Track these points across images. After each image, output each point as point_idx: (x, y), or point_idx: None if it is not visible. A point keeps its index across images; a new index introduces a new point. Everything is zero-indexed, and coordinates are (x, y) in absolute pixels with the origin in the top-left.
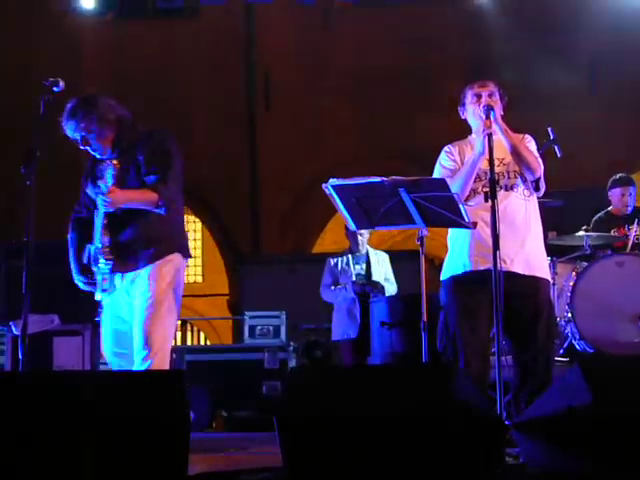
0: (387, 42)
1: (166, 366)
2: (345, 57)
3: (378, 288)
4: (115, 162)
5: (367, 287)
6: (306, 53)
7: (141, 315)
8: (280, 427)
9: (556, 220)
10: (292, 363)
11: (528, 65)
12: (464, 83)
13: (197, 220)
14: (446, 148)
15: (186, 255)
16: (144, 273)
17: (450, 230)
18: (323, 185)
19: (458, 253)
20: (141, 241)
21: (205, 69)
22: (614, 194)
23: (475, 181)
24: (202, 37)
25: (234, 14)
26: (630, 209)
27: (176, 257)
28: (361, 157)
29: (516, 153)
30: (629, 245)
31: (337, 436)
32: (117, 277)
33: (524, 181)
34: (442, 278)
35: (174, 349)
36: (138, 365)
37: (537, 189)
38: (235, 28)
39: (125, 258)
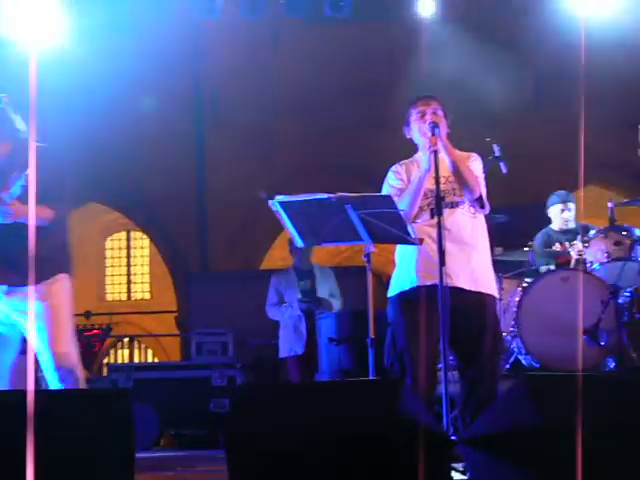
0: (336, 59)
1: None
2: (294, 74)
3: (324, 305)
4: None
5: (312, 305)
6: (255, 69)
7: (43, 338)
8: (228, 444)
9: (502, 236)
10: (240, 380)
11: (475, 82)
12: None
13: (145, 236)
14: (393, 168)
15: (71, 275)
16: (33, 291)
17: (397, 247)
18: (269, 201)
19: (405, 269)
20: (29, 257)
21: (153, 85)
22: (553, 210)
23: (422, 199)
24: (149, 53)
25: (182, 30)
26: (570, 225)
27: (65, 277)
28: (310, 174)
29: (457, 172)
30: (572, 261)
31: (284, 453)
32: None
33: (469, 200)
34: (389, 294)
35: (122, 367)
36: (55, 385)
37: (482, 207)
38: (183, 44)
39: (10, 271)
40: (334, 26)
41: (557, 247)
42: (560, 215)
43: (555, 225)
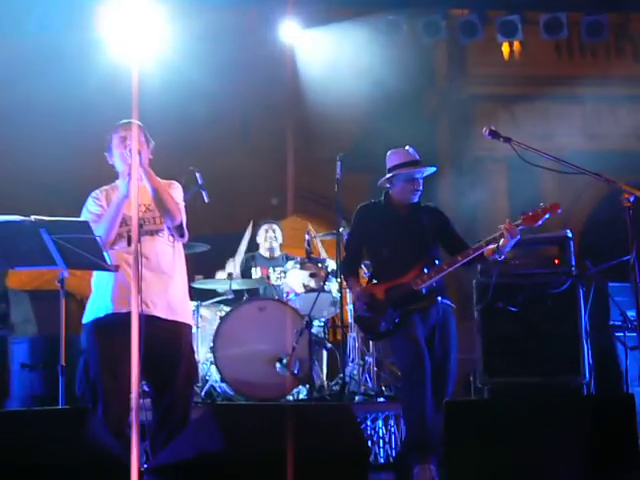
0: None
1: None
2: None
3: (17, 331)
4: None
5: (5, 330)
6: None
7: None
8: None
9: (204, 264)
10: None
11: (181, 108)
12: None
13: None
14: (93, 194)
15: None
16: None
17: (94, 273)
18: None
19: (101, 296)
20: None
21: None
22: (260, 234)
23: (120, 225)
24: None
25: None
26: (276, 253)
27: None
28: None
29: (158, 199)
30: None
31: None
32: None
33: (169, 227)
34: (84, 321)
35: None
36: None
37: (181, 235)
38: None
39: None
40: None
41: (258, 271)
42: (265, 235)
43: (262, 251)
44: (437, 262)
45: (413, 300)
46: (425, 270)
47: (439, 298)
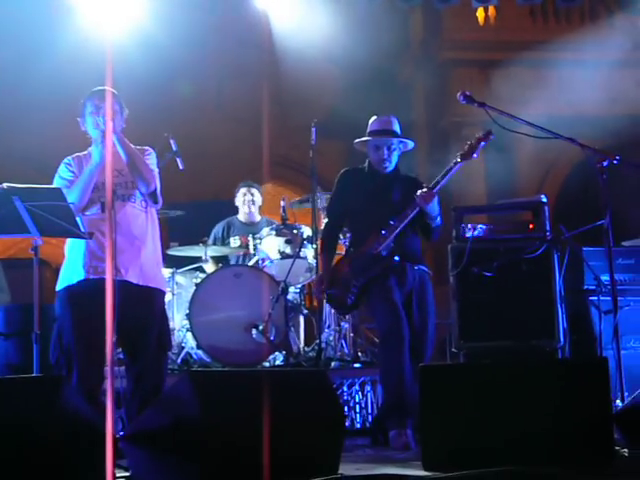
0: None
1: None
2: None
3: None
4: None
5: None
6: None
7: None
8: None
9: (179, 231)
10: None
11: (158, 78)
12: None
13: None
14: (65, 160)
15: None
16: None
17: (67, 240)
18: None
19: (73, 263)
20: None
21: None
22: (239, 197)
23: (93, 191)
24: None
25: None
26: (256, 217)
27: None
28: None
29: (132, 165)
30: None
31: None
32: None
33: (142, 194)
34: (57, 288)
35: None
36: None
37: (155, 202)
38: None
39: None
40: None
41: (237, 239)
42: (244, 198)
43: (241, 215)
44: (392, 222)
45: (374, 264)
46: (382, 232)
47: (396, 258)
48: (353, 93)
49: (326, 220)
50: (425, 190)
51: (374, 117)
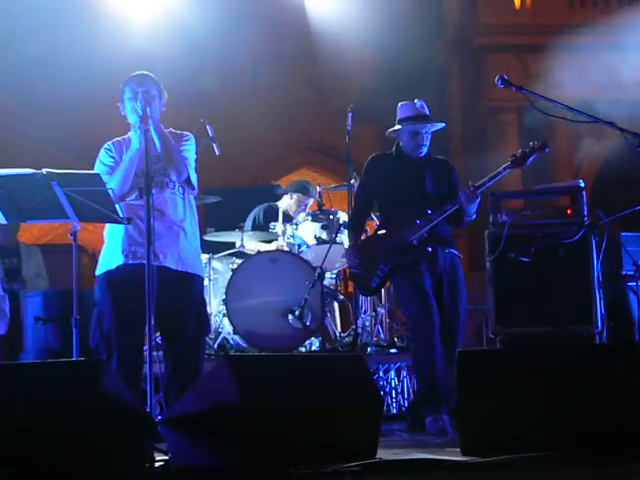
0: None
1: None
2: None
3: (29, 287)
4: None
5: (16, 286)
6: None
7: None
8: None
9: (215, 217)
10: None
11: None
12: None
13: None
14: (105, 145)
15: None
16: None
17: (106, 225)
18: None
19: (112, 248)
20: None
21: None
22: (292, 198)
23: (133, 177)
24: None
25: None
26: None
27: None
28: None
29: (165, 152)
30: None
31: None
32: None
33: (177, 180)
34: (97, 273)
35: None
36: None
37: (192, 188)
38: None
39: None
40: None
41: (277, 225)
42: (297, 203)
43: (284, 207)
44: (430, 212)
45: (404, 252)
46: (417, 222)
47: (429, 249)
48: (388, 78)
49: (354, 205)
50: (470, 189)
51: (402, 103)
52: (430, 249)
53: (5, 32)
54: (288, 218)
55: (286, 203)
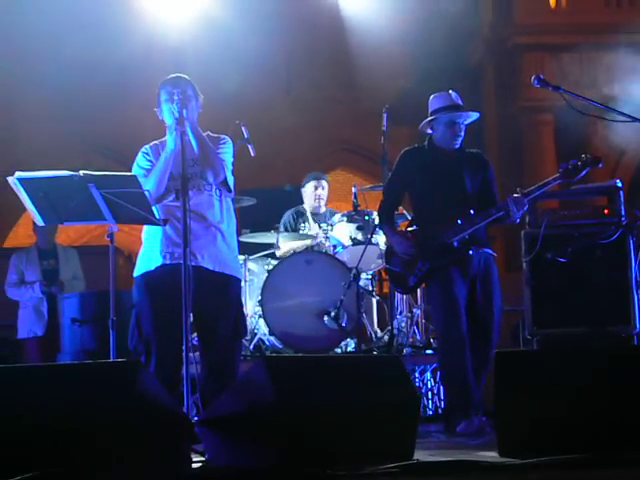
0: None
1: None
2: None
3: (66, 289)
4: None
5: (54, 288)
6: None
7: None
8: None
9: (250, 218)
10: None
11: (226, 64)
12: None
13: None
14: (143, 149)
15: None
16: None
17: (144, 227)
18: (9, 178)
19: (151, 249)
20: None
21: None
22: (308, 188)
23: (169, 180)
24: None
25: None
26: (322, 210)
27: None
28: (58, 148)
29: (202, 154)
30: (322, 242)
31: (27, 440)
32: None
33: (213, 183)
34: (134, 275)
35: None
36: None
37: (228, 190)
38: None
39: None
40: None
41: (308, 227)
42: (314, 192)
43: (307, 205)
44: (472, 212)
45: (444, 253)
46: (459, 222)
47: (471, 252)
48: (422, 78)
49: (381, 200)
50: (519, 196)
51: (434, 95)
52: (472, 252)
53: (48, 34)
54: (319, 218)
55: (307, 201)
